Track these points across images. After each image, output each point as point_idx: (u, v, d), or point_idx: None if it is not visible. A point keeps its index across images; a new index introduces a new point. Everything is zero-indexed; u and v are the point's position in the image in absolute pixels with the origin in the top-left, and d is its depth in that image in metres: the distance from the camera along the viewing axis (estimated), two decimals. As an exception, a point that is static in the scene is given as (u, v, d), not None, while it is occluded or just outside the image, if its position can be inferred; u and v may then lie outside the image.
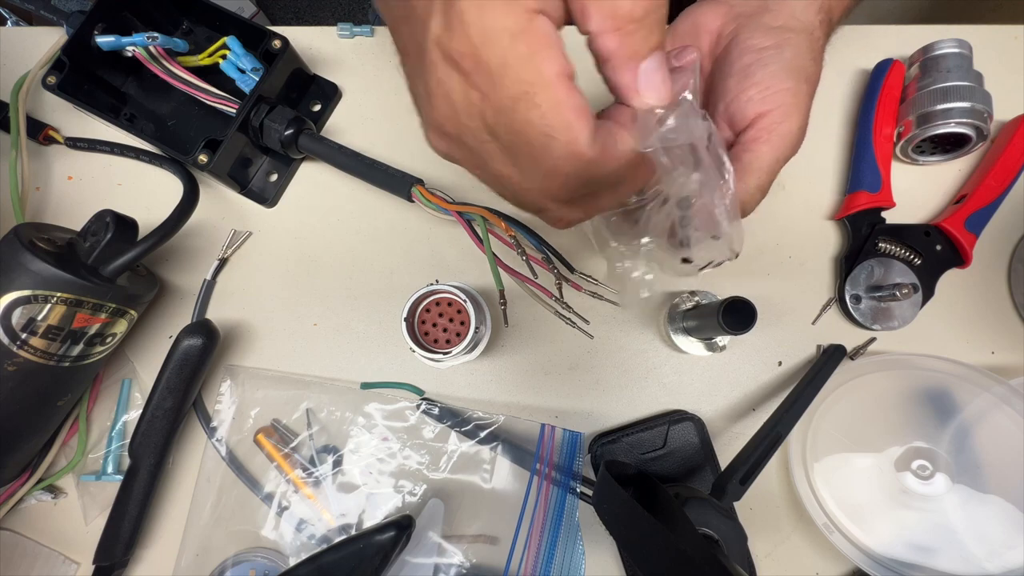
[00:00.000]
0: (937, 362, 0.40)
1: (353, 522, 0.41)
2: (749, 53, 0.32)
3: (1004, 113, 0.43)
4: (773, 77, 0.31)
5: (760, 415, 0.42)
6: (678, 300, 0.42)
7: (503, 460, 0.41)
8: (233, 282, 0.44)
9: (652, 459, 0.40)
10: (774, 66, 0.31)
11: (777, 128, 0.31)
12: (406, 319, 0.37)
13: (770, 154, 0.31)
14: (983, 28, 0.45)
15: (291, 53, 0.42)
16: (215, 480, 0.42)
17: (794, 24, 0.32)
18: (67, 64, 0.41)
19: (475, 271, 0.44)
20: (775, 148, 0.31)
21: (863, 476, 0.39)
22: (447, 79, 0.22)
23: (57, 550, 0.42)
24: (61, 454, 0.42)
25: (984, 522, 0.37)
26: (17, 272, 0.34)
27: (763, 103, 0.31)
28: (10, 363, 0.34)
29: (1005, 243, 0.43)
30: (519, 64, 0.20)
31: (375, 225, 0.45)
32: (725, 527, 0.33)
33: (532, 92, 0.20)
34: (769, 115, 0.31)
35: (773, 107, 0.31)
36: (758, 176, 0.31)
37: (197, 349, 0.39)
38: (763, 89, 0.31)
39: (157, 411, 0.40)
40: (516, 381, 0.43)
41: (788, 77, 0.31)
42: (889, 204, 0.42)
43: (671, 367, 0.43)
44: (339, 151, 0.42)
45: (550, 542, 0.39)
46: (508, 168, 0.24)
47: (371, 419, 0.42)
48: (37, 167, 0.45)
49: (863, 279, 0.42)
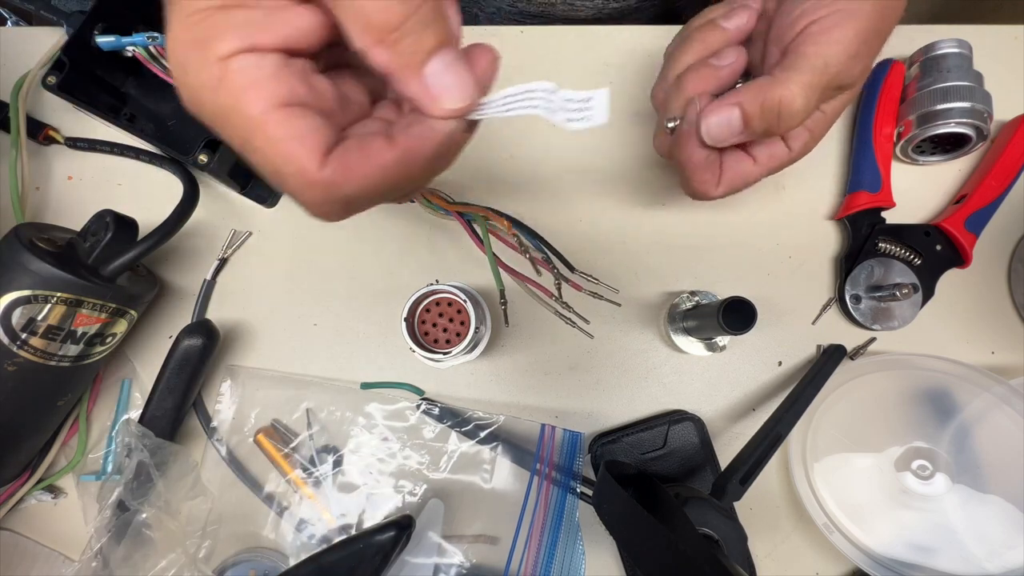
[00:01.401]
0: (937, 362, 0.40)
1: (353, 522, 0.41)
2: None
3: (1004, 113, 0.43)
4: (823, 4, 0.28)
5: (760, 415, 0.42)
6: (678, 300, 0.42)
7: (503, 460, 0.41)
8: (233, 282, 0.44)
9: (652, 459, 0.40)
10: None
11: (826, 32, 0.28)
12: (406, 319, 0.37)
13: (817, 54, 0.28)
14: (983, 28, 0.45)
15: (291, 53, 0.42)
16: (215, 480, 0.42)
17: None
18: (67, 64, 0.41)
19: (475, 271, 0.44)
20: (821, 49, 0.28)
21: (863, 476, 0.39)
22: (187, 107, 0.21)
23: (57, 550, 0.42)
24: (61, 454, 0.42)
25: (984, 522, 0.37)
26: (17, 272, 0.33)
27: (812, 14, 0.28)
28: (10, 363, 0.34)
29: (1005, 243, 0.43)
30: (228, 114, 0.20)
31: (375, 225, 0.45)
32: (725, 527, 0.33)
33: (248, 137, 0.20)
34: (818, 22, 0.28)
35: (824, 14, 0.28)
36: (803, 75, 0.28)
37: (197, 349, 0.39)
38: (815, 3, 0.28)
39: (157, 411, 0.40)
40: (516, 381, 0.43)
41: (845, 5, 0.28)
42: (889, 204, 0.42)
43: (671, 367, 0.43)
44: (339, 151, 0.42)
45: (550, 542, 0.39)
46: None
47: (371, 419, 0.42)
48: (37, 167, 0.45)
49: (863, 279, 0.42)
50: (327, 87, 0.22)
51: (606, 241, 0.44)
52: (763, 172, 0.33)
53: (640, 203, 0.44)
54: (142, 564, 0.39)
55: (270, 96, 0.19)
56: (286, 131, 0.20)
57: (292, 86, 0.20)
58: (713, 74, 0.31)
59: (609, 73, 0.46)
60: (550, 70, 0.46)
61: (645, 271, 0.44)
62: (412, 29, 0.19)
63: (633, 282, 0.44)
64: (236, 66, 0.19)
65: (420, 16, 0.19)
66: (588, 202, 0.45)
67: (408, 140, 0.21)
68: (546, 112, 0.23)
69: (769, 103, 0.28)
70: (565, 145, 0.46)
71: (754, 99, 0.28)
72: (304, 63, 0.21)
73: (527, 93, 0.23)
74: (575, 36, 0.47)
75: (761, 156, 0.32)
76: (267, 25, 0.19)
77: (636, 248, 0.44)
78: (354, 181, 0.21)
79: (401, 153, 0.21)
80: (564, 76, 0.46)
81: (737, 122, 0.29)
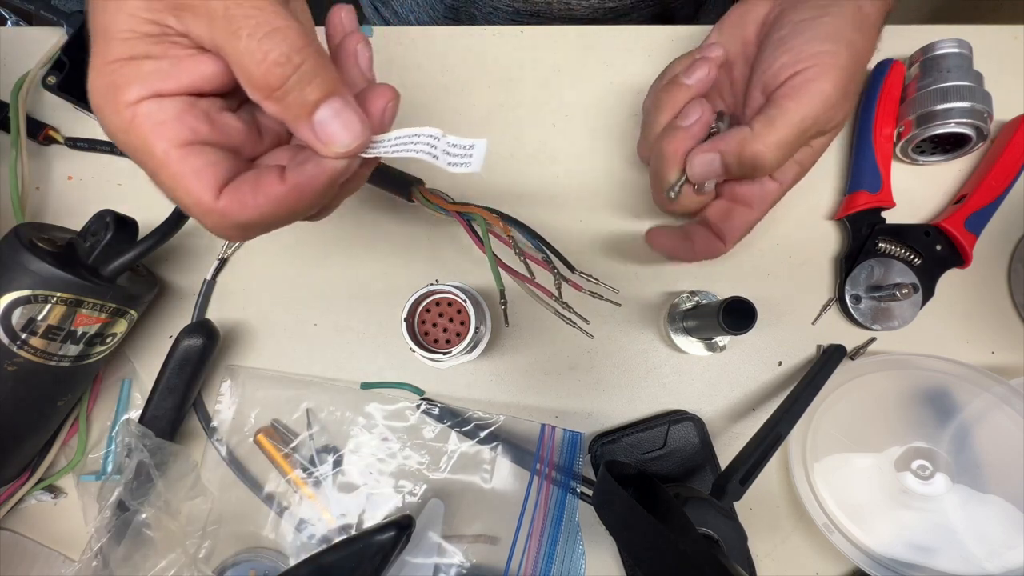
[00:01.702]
0: (937, 362, 0.40)
1: (353, 522, 0.41)
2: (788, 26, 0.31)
3: (1004, 113, 0.43)
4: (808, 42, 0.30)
5: (760, 415, 0.42)
6: (678, 300, 0.42)
7: (503, 460, 0.41)
8: (233, 282, 0.44)
9: (652, 459, 0.40)
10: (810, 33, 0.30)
11: (807, 85, 0.30)
12: (406, 319, 0.37)
13: (796, 110, 0.30)
14: (983, 28, 0.45)
15: (291, 53, 0.42)
16: (215, 480, 0.42)
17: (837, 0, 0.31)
18: (67, 64, 0.41)
19: (475, 271, 0.44)
20: (802, 105, 0.30)
21: (863, 476, 0.39)
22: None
23: (57, 550, 0.42)
24: (61, 454, 0.42)
25: (984, 522, 0.37)
26: (17, 272, 0.33)
27: (795, 65, 0.30)
28: (10, 363, 0.34)
29: (1005, 243, 0.43)
30: (137, 153, 0.23)
31: (375, 225, 0.45)
32: (725, 527, 0.33)
33: (155, 172, 0.23)
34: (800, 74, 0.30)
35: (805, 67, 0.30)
36: (779, 131, 0.30)
37: (197, 349, 0.39)
38: (796, 54, 0.30)
39: (157, 411, 0.40)
40: (516, 381, 0.43)
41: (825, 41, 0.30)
42: (889, 204, 0.42)
43: (671, 367, 0.43)
44: (339, 151, 0.42)
45: (550, 542, 0.39)
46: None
47: (371, 419, 0.42)
48: (37, 167, 0.45)
49: (863, 279, 0.42)
50: (233, 123, 0.25)
51: (606, 241, 0.44)
52: (761, 213, 0.36)
53: (640, 203, 0.44)
54: (142, 564, 0.39)
55: (172, 137, 0.22)
56: (185, 168, 0.22)
57: (194, 127, 0.23)
58: (684, 134, 0.33)
59: (609, 72, 0.46)
60: (550, 69, 0.46)
61: (645, 271, 0.44)
62: (295, 86, 0.22)
63: (633, 282, 0.44)
64: (142, 111, 0.22)
65: (301, 74, 0.22)
66: (588, 202, 0.45)
67: (297, 177, 0.23)
68: (429, 157, 0.25)
69: (746, 156, 0.31)
70: (565, 145, 0.46)
71: (733, 150, 0.31)
72: (211, 103, 0.24)
73: (415, 137, 0.25)
74: (575, 36, 0.47)
75: (755, 201, 0.35)
76: (171, 74, 0.22)
77: (636, 248, 0.44)
78: (246, 212, 0.23)
79: (290, 188, 0.23)
80: (565, 75, 0.46)
81: (718, 166, 0.32)
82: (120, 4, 0.21)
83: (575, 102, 0.46)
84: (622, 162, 0.45)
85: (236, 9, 0.21)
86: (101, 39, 0.22)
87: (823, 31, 0.30)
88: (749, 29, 0.35)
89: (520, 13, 0.54)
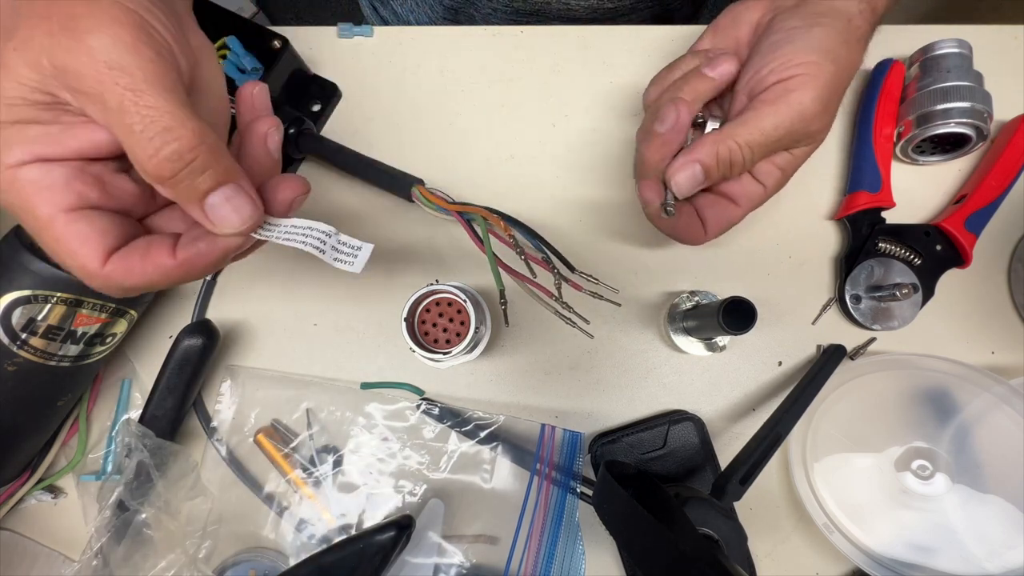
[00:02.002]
0: (937, 362, 0.40)
1: (353, 522, 0.41)
2: (779, 32, 0.32)
3: (1004, 113, 0.43)
4: (796, 51, 0.31)
5: (760, 415, 0.42)
6: (678, 300, 0.42)
7: (503, 460, 0.41)
8: (233, 282, 0.44)
9: (652, 459, 0.40)
10: (799, 42, 0.31)
11: (787, 95, 0.30)
12: (406, 319, 0.37)
13: (771, 116, 0.30)
14: (983, 28, 0.45)
15: (291, 53, 0.42)
16: (215, 480, 0.42)
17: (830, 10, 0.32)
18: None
19: (475, 271, 0.44)
20: (778, 112, 0.30)
21: (863, 476, 0.39)
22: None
23: (57, 550, 0.42)
24: (61, 454, 0.42)
25: (984, 522, 0.37)
26: (17, 272, 0.33)
27: (780, 72, 0.31)
28: (10, 363, 0.34)
29: (1005, 243, 0.43)
30: (18, 212, 0.23)
31: (375, 225, 0.45)
32: (725, 527, 0.33)
33: (38, 232, 0.23)
34: (783, 82, 0.31)
35: (789, 76, 0.30)
36: (749, 132, 0.31)
37: (197, 349, 0.39)
38: (784, 61, 0.31)
39: (157, 411, 0.40)
40: (516, 381, 0.43)
41: (812, 52, 0.30)
42: (889, 204, 0.42)
43: (671, 367, 0.43)
44: (339, 151, 0.42)
45: (550, 542, 0.39)
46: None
47: (371, 419, 0.42)
48: (37, 167, 0.45)
49: (863, 279, 0.42)
50: (126, 185, 0.25)
51: (606, 241, 0.44)
52: (745, 212, 0.36)
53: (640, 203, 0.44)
54: (142, 564, 0.39)
55: (58, 202, 0.22)
56: (69, 233, 0.22)
57: (81, 192, 0.23)
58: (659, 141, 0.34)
59: (608, 73, 0.46)
60: (550, 70, 0.46)
61: (645, 271, 0.44)
62: (186, 177, 0.22)
63: (633, 282, 0.44)
64: (24, 175, 0.22)
65: (192, 168, 0.22)
66: (588, 202, 0.45)
67: (188, 253, 0.24)
68: (316, 252, 0.26)
69: (722, 155, 0.32)
70: (565, 145, 0.46)
71: (709, 155, 0.32)
72: (104, 166, 0.24)
73: (308, 229, 0.26)
74: (575, 36, 0.47)
75: (742, 200, 0.36)
76: (60, 140, 0.22)
77: (636, 248, 0.44)
78: (132, 278, 0.24)
79: (180, 263, 0.24)
80: (564, 75, 0.46)
81: (700, 175, 0.33)
82: (9, 71, 0.21)
83: (575, 102, 0.46)
84: (622, 162, 0.45)
85: (131, 105, 0.21)
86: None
87: (812, 42, 0.31)
88: (743, 31, 0.35)
89: (519, 13, 0.54)
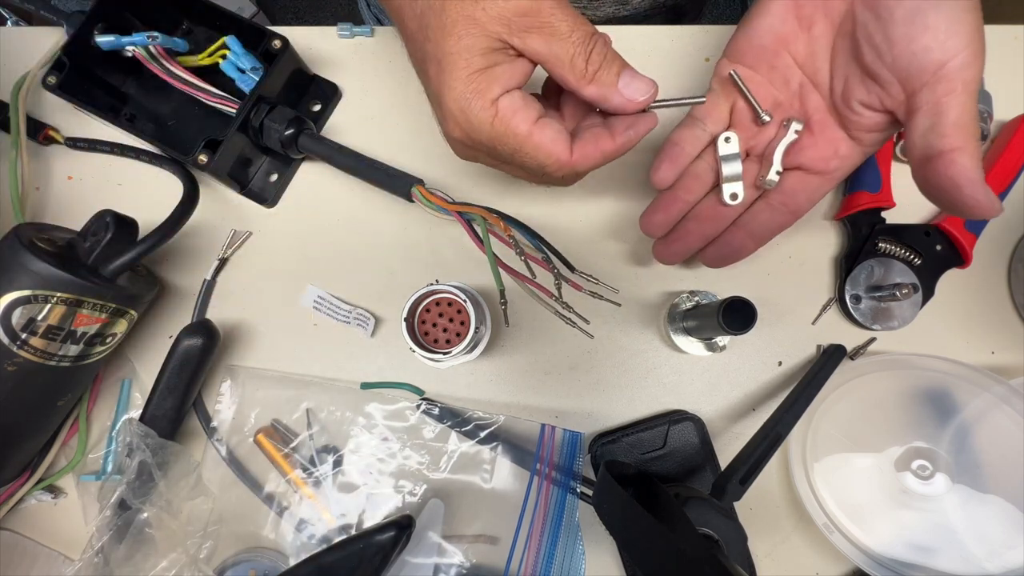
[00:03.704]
0: (937, 362, 0.40)
1: (353, 522, 0.41)
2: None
3: (1004, 113, 0.43)
4: (951, 20, 0.27)
5: (760, 415, 0.42)
6: (678, 300, 0.42)
7: (503, 460, 0.41)
8: (233, 282, 0.44)
9: (652, 459, 0.40)
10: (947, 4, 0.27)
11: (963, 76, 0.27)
12: (406, 319, 0.37)
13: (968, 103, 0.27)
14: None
15: (291, 53, 0.42)
16: (215, 480, 0.42)
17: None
18: (67, 64, 0.41)
19: (475, 271, 0.44)
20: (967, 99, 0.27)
21: (863, 476, 0.39)
22: (452, 136, 0.31)
23: (57, 550, 0.42)
24: (61, 454, 0.42)
25: (984, 522, 0.37)
26: (17, 272, 0.34)
27: (944, 50, 0.27)
28: (10, 363, 0.34)
29: (1005, 243, 0.43)
30: (502, 137, 0.29)
31: (375, 225, 0.45)
32: (725, 527, 0.33)
33: (520, 148, 0.30)
34: (953, 61, 0.27)
35: (956, 52, 0.27)
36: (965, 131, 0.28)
37: (197, 349, 0.39)
38: (941, 34, 0.27)
39: (157, 411, 0.40)
40: (516, 381, 0.43)
41: (966, 14, 0.27)
42: (889, 204, 0.42)
43: (671, 367, 0.43)
44: (339, 151, 0.42)
45: (550, 542, 0.39)
46: (521, 173, 0.33)
47: (371, 419, 0.42)
48: (37, 167, 0.45)
49: (863, 279, 0.42)
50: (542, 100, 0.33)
51: (606, 241, 0.44)
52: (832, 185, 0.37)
53: (640, 203, 0.44)
54: (143, 563, 0.39)
55: (528, 117, 0.29)
56: (545, 138, 0.30)
57: (537, 108, 0.30)
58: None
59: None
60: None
61: (645, 271, 0.44)
62: (603, 66, 0.29)
63: (633, 282, 0.44)
64: (503, 104, 0.29)
65: (600, 56, 0.29)
66: (588, 202, 0.45)
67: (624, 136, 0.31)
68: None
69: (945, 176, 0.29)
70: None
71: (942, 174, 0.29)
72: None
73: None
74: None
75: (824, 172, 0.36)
76: (512, 74, 0.29)
77: (636, 248, 0.44)
78: (587, 162, 0.31)
79: (619, 145, 0.31)
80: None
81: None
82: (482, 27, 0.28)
83: (575, 102, 0.46)
84: (622, 162, 0.45)
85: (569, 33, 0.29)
86: (449, 59, 0.28)
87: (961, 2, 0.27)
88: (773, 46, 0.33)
89: None
